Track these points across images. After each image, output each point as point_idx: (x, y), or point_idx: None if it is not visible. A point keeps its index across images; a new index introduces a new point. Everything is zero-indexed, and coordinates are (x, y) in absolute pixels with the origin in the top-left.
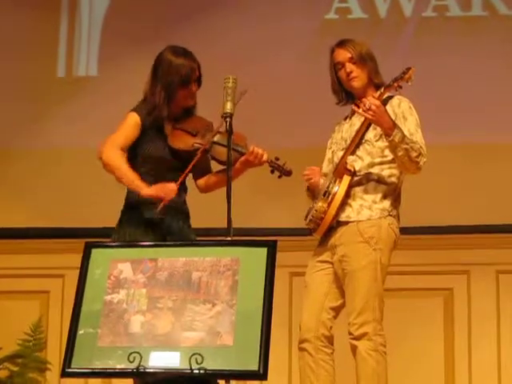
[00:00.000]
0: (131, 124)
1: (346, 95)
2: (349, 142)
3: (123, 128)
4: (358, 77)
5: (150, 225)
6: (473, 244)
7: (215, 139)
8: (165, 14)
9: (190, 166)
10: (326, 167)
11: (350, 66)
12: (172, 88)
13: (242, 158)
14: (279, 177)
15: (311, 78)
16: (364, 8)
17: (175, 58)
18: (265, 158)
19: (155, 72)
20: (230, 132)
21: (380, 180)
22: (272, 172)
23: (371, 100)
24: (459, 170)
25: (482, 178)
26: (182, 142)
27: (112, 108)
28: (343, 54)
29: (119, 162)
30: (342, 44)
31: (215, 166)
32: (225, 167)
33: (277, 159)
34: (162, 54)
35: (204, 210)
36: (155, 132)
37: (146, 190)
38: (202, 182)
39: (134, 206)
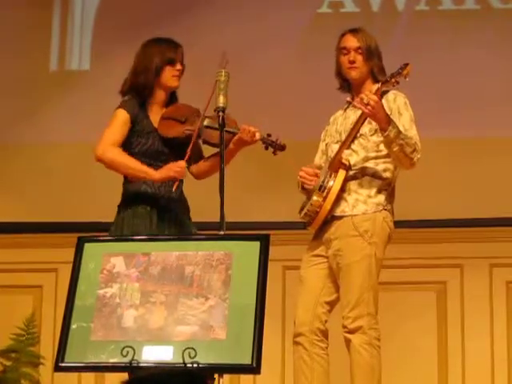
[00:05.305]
0: (120, 120)
1: (344, 83)
2: (343, 135)
3: (113, 125)
4: (358, 68)
5: (151, 217)
6: (466, 237)
7: (206, 123)
8: (157, 8)
9: (191, 145)
10: (319, 159)
11: (354, 56)
12: (158, 66)
13: (235, 138)
14: (274, 153)
15: (304, 71)
16: (356, 2)
17: (158, 44)
18: (257, 135)
19: (139, 58)
20: (222, 126)
21: (375, 174)
22: (266, 148)
23: (369, 95)
24: (452, 164)
25: (475, 171)
26: (173, 130)
27: (105, 102)
28: (352, 42)
29: (120, 157)
30: (354, 31)
31: (207, 152)
32: (217, 151)
33: (269, 135)
34: (144, 44)
35: (196, 204)
36: (144, 126)
37: (157, 176)
38: (195, 168)
39: (133, 198)
